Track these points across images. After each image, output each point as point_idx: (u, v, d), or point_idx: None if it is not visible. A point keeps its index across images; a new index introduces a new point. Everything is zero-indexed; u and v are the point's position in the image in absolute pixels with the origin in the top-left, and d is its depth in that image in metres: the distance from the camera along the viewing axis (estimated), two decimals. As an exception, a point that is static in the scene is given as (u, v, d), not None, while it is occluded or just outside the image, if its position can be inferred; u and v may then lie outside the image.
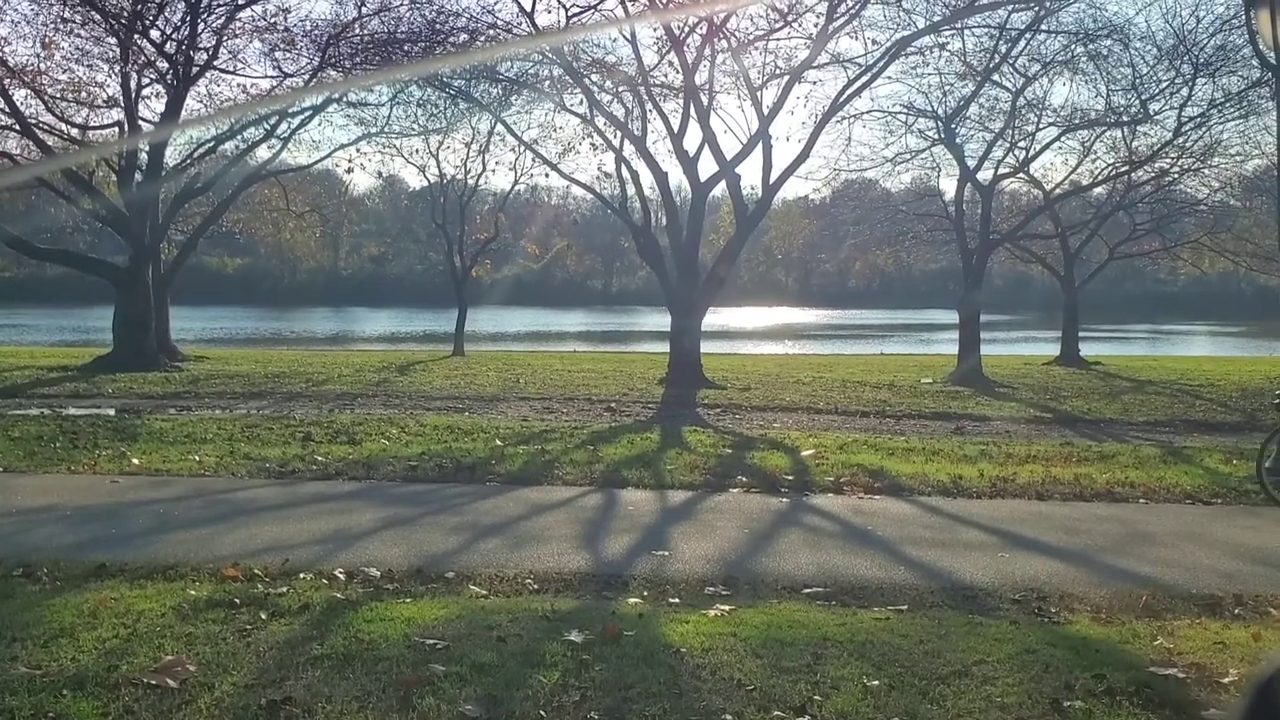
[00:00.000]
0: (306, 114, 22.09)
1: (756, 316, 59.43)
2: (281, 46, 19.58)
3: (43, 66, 19.50)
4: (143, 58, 19.35)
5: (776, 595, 5.17)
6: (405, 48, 18.59)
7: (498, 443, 9.92)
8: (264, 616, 4.49)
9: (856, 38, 17.60)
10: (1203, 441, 11.78)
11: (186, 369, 19.17)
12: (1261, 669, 1.21)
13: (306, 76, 19.92)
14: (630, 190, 19.46)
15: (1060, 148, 24.43)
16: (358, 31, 19.40)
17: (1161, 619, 4.81)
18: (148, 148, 20.43)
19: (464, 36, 18.23)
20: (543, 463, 8.90)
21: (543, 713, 3.54)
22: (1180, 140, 21.94)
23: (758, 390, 16.63)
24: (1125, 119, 21.92)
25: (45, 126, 19.59)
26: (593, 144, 22.06)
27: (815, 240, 41.28)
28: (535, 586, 5.24)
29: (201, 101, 21.44)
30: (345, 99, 22.12)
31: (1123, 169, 23.92)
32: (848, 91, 17.63)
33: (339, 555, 5.76)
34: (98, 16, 18.59)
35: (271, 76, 20.83)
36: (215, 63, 19.60)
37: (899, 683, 3.85)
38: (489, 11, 21.84)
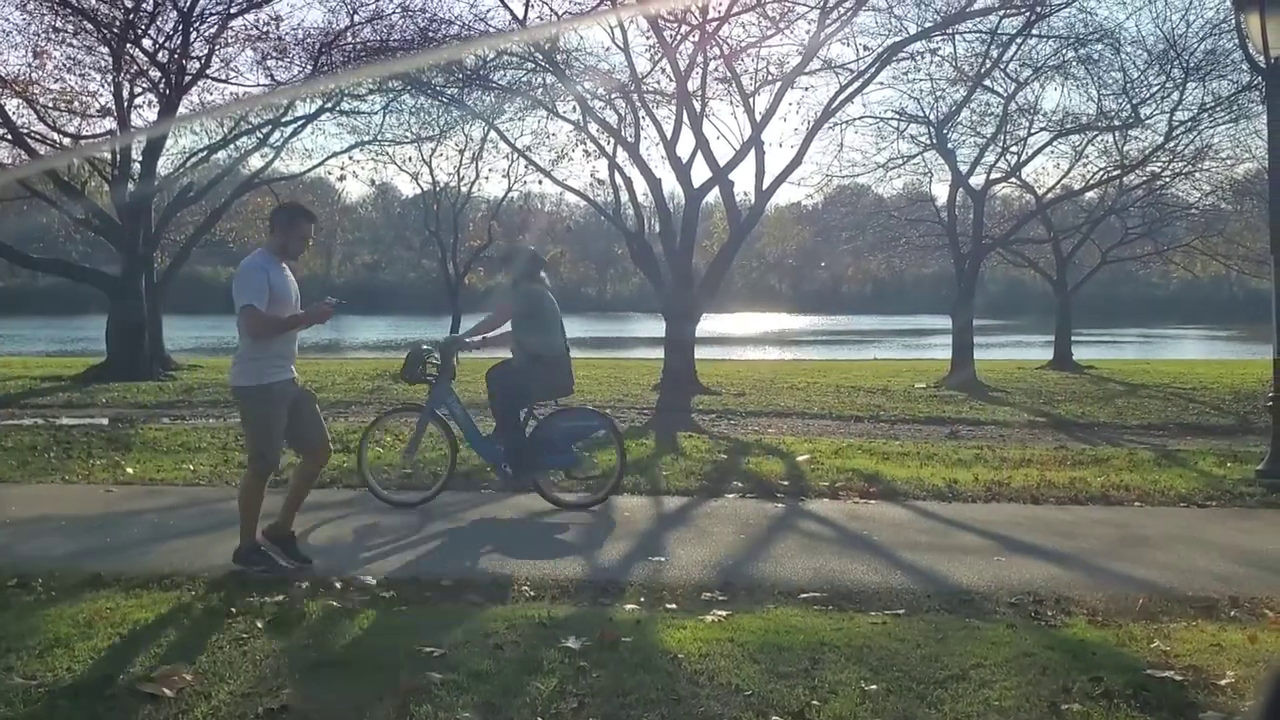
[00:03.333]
0: (299, 122, 22.11)
1: (750, 322, 59.46)
2: (274, 55, 19.61)
3: (35, 76, 19.53)
4: (135, 67, 19.35)
5: (773, 600, 5.16)
6: (398, 56, 18.61)
7: (493, 450, 9.88)
8: (260, 625, 4.48)
9: (848, 44, 17.64)
10: (1197, 444, 11.80)
11: (180, 378, 19.14)
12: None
13: (299, 86, 19.94)
14: (624, 197, 19.46)
15: (1052, 152, 24.55)
16: (350, 40, 19.42)
17: (1158, 621, 4.81)
18: (140, 157, 20.42)
19: (456, 44, 18.24)
20: (538, 469, 8.87)
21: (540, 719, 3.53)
22: (1171, 144, 22.03)
23: (752, 396, 16.64)
24: (1116, 123, 21.98)
25: (38, 136, 19.57)
26: (586, 151, 22.13)
27: (808, 246, 41.33)
28: (532, 593, 5.24)
29: (194, 111, 21.46)
30: (338, 107, 22.15)
31: (1114, 173, 24.01)
32: (840, 97, 17.68)
33: (335, 563, 5.75)
34: (90, 26, 18.58)
35: (264, 85, 20.80)
36: (208, 71, 19.61)
37: (897, 687, 3.85)
38: (481, 19, 21.77)
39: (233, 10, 19.01)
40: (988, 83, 20.83)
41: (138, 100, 20.80)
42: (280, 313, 5.43)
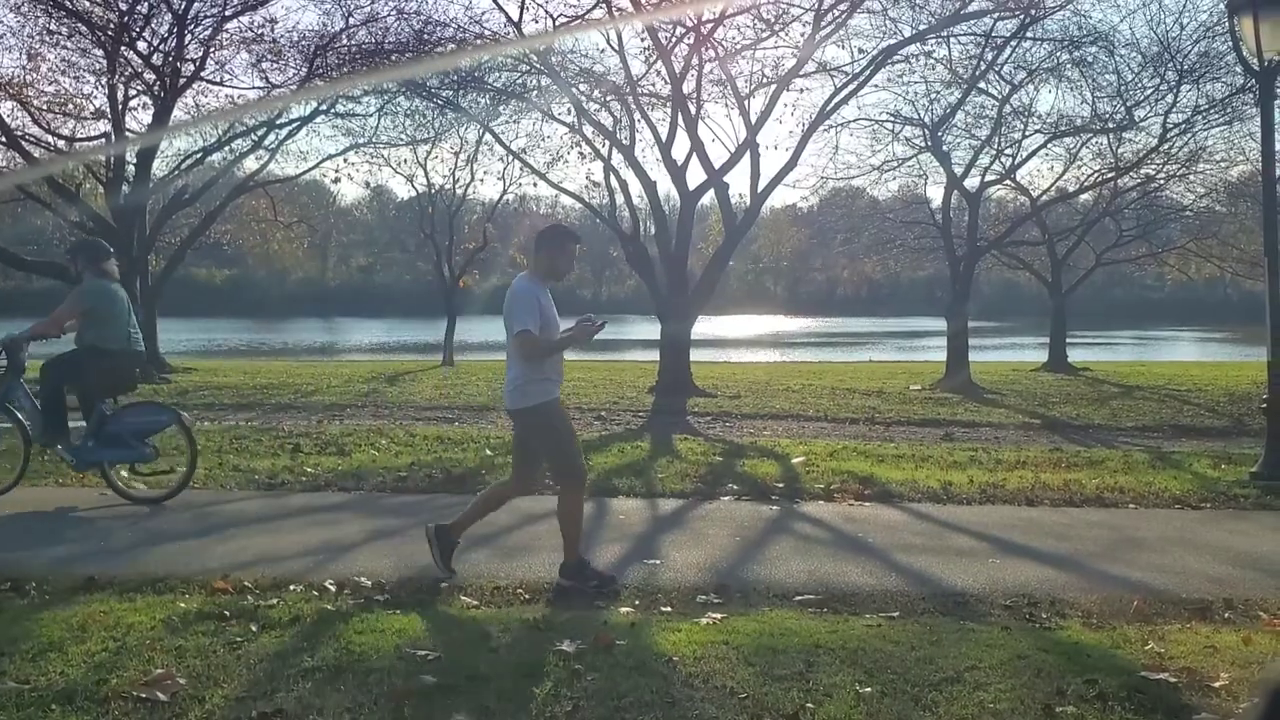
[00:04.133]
0: (294, 125, 22.11)
1: (746, 325, 59.51)
2: (269, 57, 19.61)
3: (29, 78, 19.49)
4: (130, 69, 19.33)
5: (768, 603, 5.16)
6: (393, 59, 18.60)
7: (487, 452, 9.89)
8: (254, 629, 4.47)
9: (843, 47, 17.69)
10: (1191, 446, 11.83)
11: (174, 380, 19.09)
12: (1276, 670, 1.21)
13: (294, 88, 19.94)
14: (619, 199, 19.46)
15: (1046, 154, 24.56)
16: (345, 42, 19.42)
17: (1152, 623, 4.82)
18: (135, 160, 20.39)
19: (451, 47, 18.25)
20: (533, 472, 8.85)
21: (535, 723, 3.52)
22: (1165, 146, 22.06)
23: (747, 398, 16.64)
24: (1111, 125, 22.02)
25: (32, 139, 19.54)
26: (581, 153, 22.07)
27: (803, 248, 41.45)
28: (527, 596, 5.23)
29: (189, 113, 21.46)
30: (333, 109, 22.14)
31: (1109, 175, 24.04)
32: (835, 100, 17.72)
33: (329, 567, 5.74)
34: (84, 28, 18.55)
35: (259, 88, 20.80)
36: (202, 74, 19.60)
37: (891, 690, 3.85)
38: (476, 21, 21.76)
39: (227, 13, 19.02)
40: (982, 85, 20.89)
41: (132, 103, 20.79)
42: (550, 335, 5.47)
